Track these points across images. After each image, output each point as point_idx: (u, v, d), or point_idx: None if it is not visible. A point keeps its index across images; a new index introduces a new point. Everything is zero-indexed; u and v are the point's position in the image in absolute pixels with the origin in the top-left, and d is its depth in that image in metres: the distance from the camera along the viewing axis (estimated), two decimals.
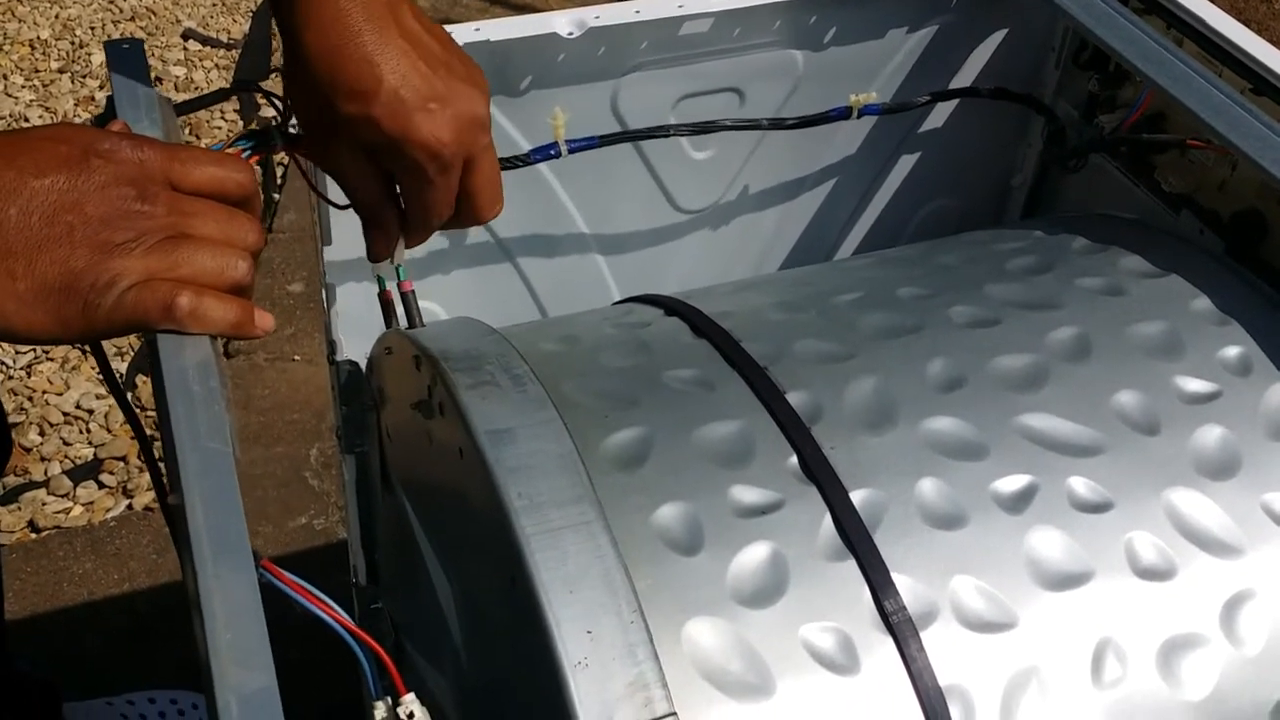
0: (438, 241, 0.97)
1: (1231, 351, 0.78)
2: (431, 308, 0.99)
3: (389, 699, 0.65)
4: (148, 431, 1.64)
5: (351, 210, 0.90)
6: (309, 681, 0.96)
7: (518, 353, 0.75)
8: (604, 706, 0.59)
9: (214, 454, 0.61)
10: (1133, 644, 0.66)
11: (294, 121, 0.77)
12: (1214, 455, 0.73)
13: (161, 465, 0.78)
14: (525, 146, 0.95)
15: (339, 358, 0.95)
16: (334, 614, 0.62)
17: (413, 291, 0.83)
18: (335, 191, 0.80)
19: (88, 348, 1.95)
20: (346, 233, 0.92)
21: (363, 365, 0.91)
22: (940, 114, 1.08)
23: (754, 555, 0.65)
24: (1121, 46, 0.91)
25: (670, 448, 0.70)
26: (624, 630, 0.61)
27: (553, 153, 0.90)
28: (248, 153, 0.81)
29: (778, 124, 0.98)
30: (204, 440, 0.61)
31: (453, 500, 0.75)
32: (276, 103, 0.77)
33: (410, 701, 0.64)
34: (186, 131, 2.38)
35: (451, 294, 1.01)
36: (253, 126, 0.82)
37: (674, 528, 0.66)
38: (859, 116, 0.98)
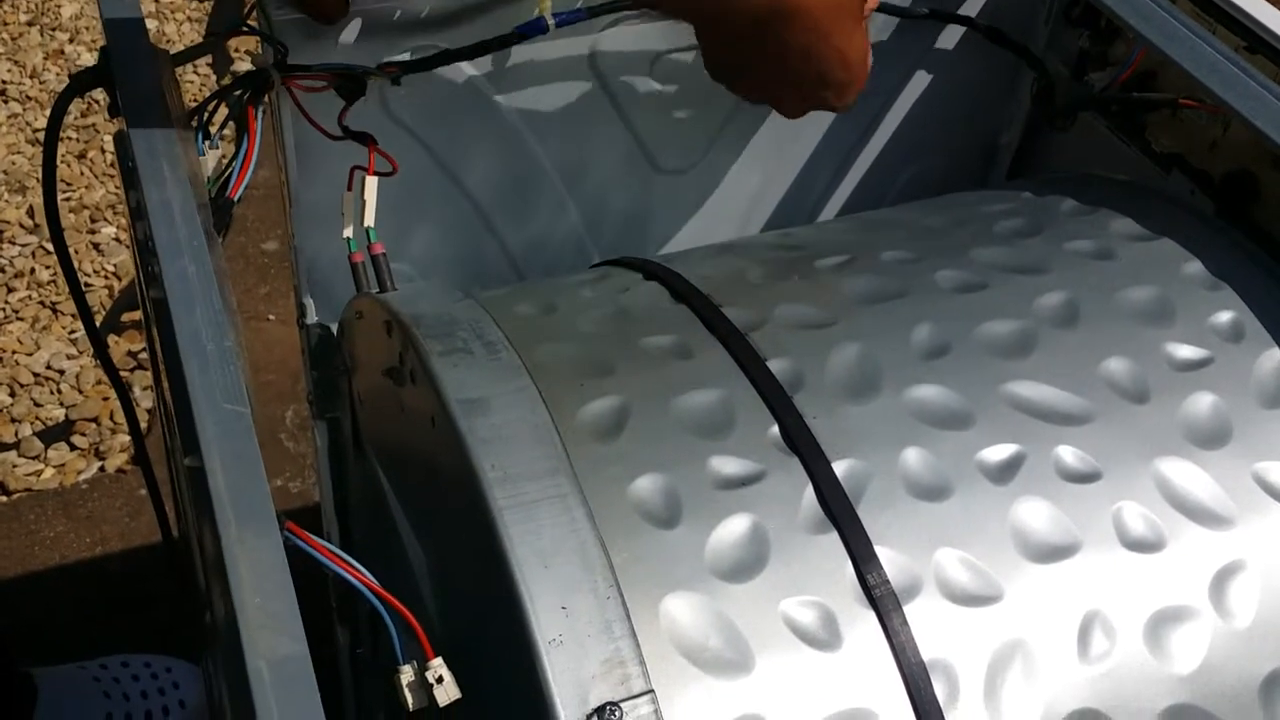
0: (411, 202, 0.94)
1: (1223, 317, 0.76)
2: (405, 270, 0.97)
3: (415, 663, 0.63)
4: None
5: (319, 171, 0.88)
6: None
7: (491, 318, 0.73)
8: (579, 684, 0.57)
9: (233, 416, 0.60)
10: (1121, 617, 0.65)
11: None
12: (1205, 423, 0.71)
13: (143, 427, 0.76)
14: (507, 106, 0.93)
15: (309, 321, 0.93)
16: (361, 577, 0.62)
17: (384, 254, 0.81)
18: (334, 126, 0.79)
19: (59, 306, 1.92)
20: (316, 191, 0.89)
21: (334, 329, 0.89)
22: (926, 73, 1.05)
23: (734, 528, 0.64)
24: (1113, 2, 0.88)
25: (648, 417, 0.68)
26: (600, 606, 0.59)
27: (540, 27, 0.86)
28: (247, 97, 0.79)
29: None
30: (221, 402, 0.60)
31: (425, 469, 0.73)
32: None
33: (438, 665, 0.62)
34: None
35: (425, 256, 0.98)
36: (246, 69, 0.81)
37: (652, 500, 0.64)
38: None
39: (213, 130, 0.81)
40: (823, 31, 0.78)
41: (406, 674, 0.64)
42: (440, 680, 0.63)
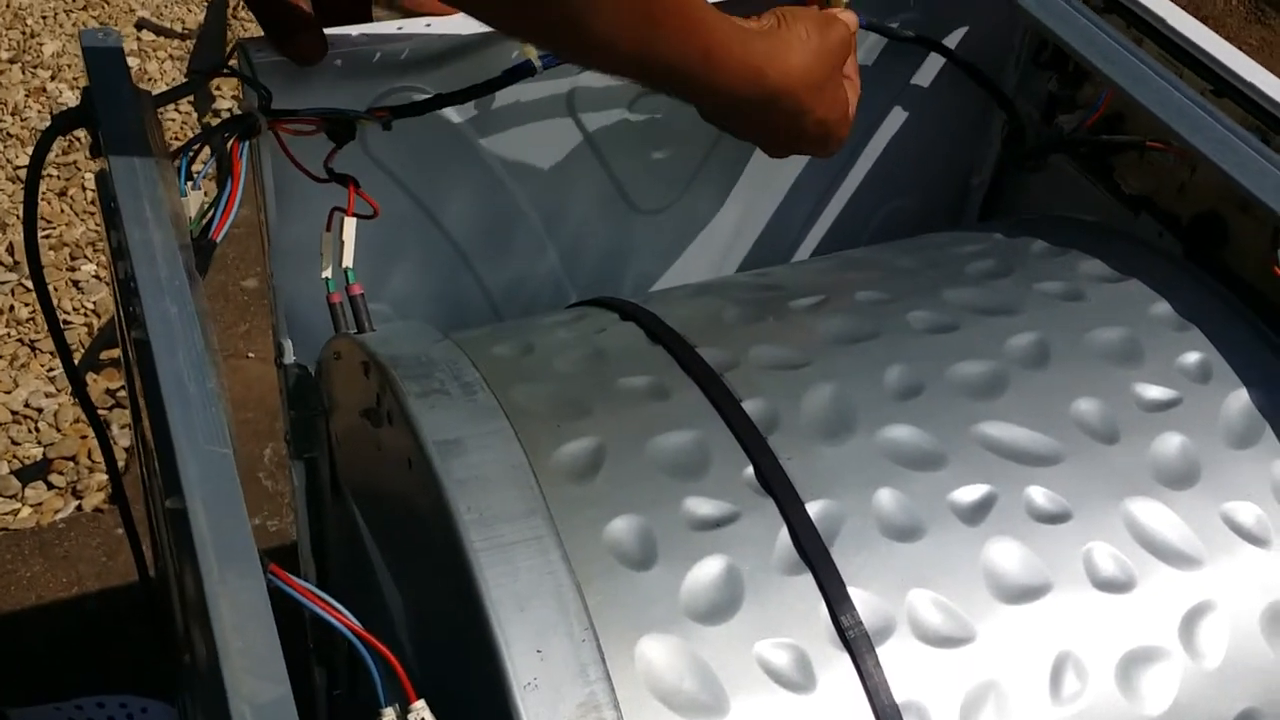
0: (390, 241, 0.95)
1: (1191, 358, 0.77)
2: (383, 310, 0.97)
3: (398, 706, 0.63)
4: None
5: (298, 211, 0.89)
6: None
7: (469, 359, 0.74)
8: None
9: (215, 457, 0.60)
10: (1092, 657, 0.66)
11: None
12: (1174, 464, 0.72)
13: (121, 465, 0.76)
14: (485, 147, 0.93)
15: (287, 361, 0.93)
16: (343, 619, 0.61)
17: (362, 295, 0.81)
18: (314, 165, 0.79)
19: (38, 344, 1.92)
20: (294, 232, 0.90)
21: (311, 369, 0.89)
22: (900, 113, 1.06)
23: (708, 569, 0.64)
24: (1080, 46, 0.90)
25: (624, 458, 0.69)
26: (575, 649, 0.59)
27: (527, 70, 0.87)
28: (233, 139, 0.80)
29: None
30: (204, 443, 0.60)
31: (402, 510, 0.73)
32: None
33: (421, 708, 0.62)
34: None
35: (404, 296, 0.99)
36: (232, 113, 0.81)
37: (627, 541, 0.65)
38: None
39: (195, 172, 0.82)
40: (806, 108, 0.83)
41: (389, 716, 0.63)
42: None
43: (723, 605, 0.63)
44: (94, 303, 2.01)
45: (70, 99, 2.40)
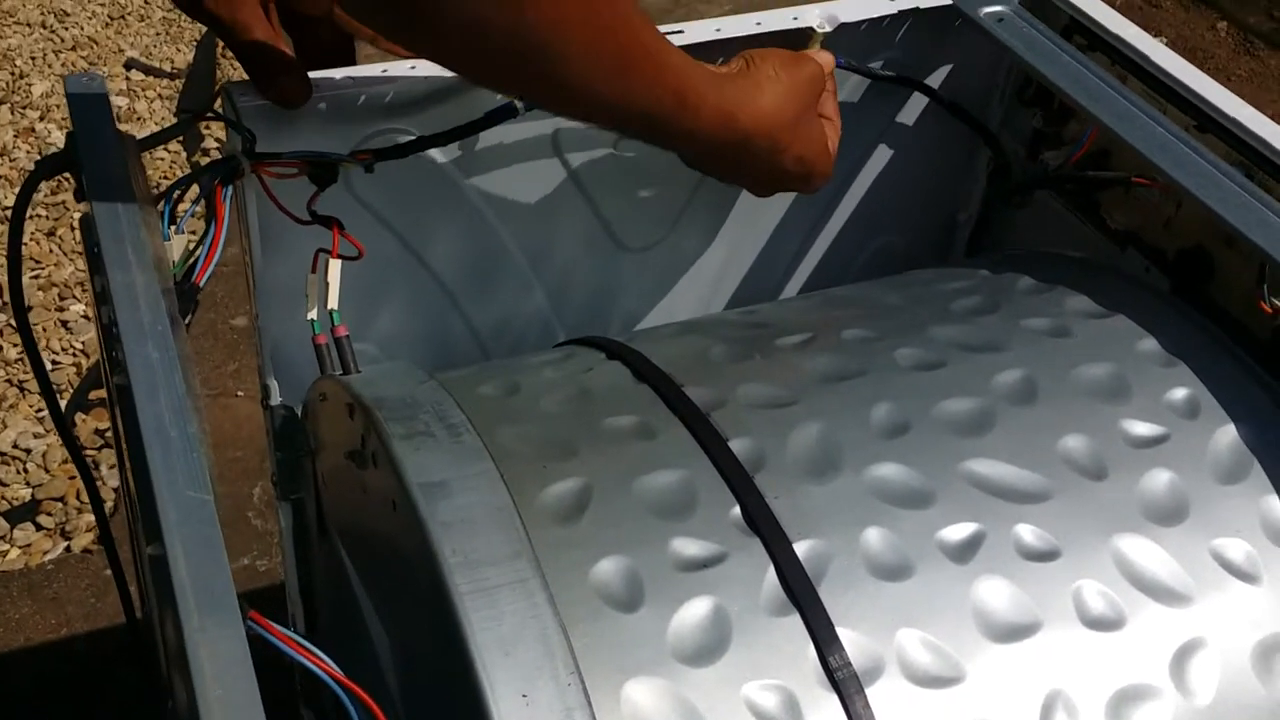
0: (376, 281, 0.95)
1: (1179, 394, 0.77)
2: (369, 350, 0.97)
3: None
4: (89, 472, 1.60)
5: (283, 253, 0.88)
6: None
7: (454, 400, 0.73)
8: None
9: (196, 503, 0.60)
10: (1082, 696, 0.65)
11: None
12: (1162, 500, 0.72)
13: (109, 506, 0.76)
14: (470, 187, 0.93)
15: (273, 402, 0.93)
16: (325, 666, 0.61)
17: (347, 336, 0.81)
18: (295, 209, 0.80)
19: (26, 385, 1.91)
20: (280, 273, 0.90)
21: (298, 410, 0.89)
22: (885, 151, 1.07)
23: (695, 611, 0.64)
24: (1064, 83, 0.90)
25: (610, 499, 0.68)
26: (561, 693, 0.59)
27: (510, 111, 0.87)
28: (216, 181, 0.80)
29: None
30: (184, 489, 0.60)
31: (388, 552, 0.73)
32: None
33: None
34: None
35: (390, 336, 0.99)
36: (215, 158, 0.81)
37: (613, 583, 0.64)
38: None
39: (179, 215, 0.82)
40: (782, 146, 0.83)
41: None
42: None
43: (710, 647, 0.63)
44: (82, 343, 2.01)
45: (59, 139, 2.41)
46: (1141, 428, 0.75)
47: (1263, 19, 3.11)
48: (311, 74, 0.83)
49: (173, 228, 0.79)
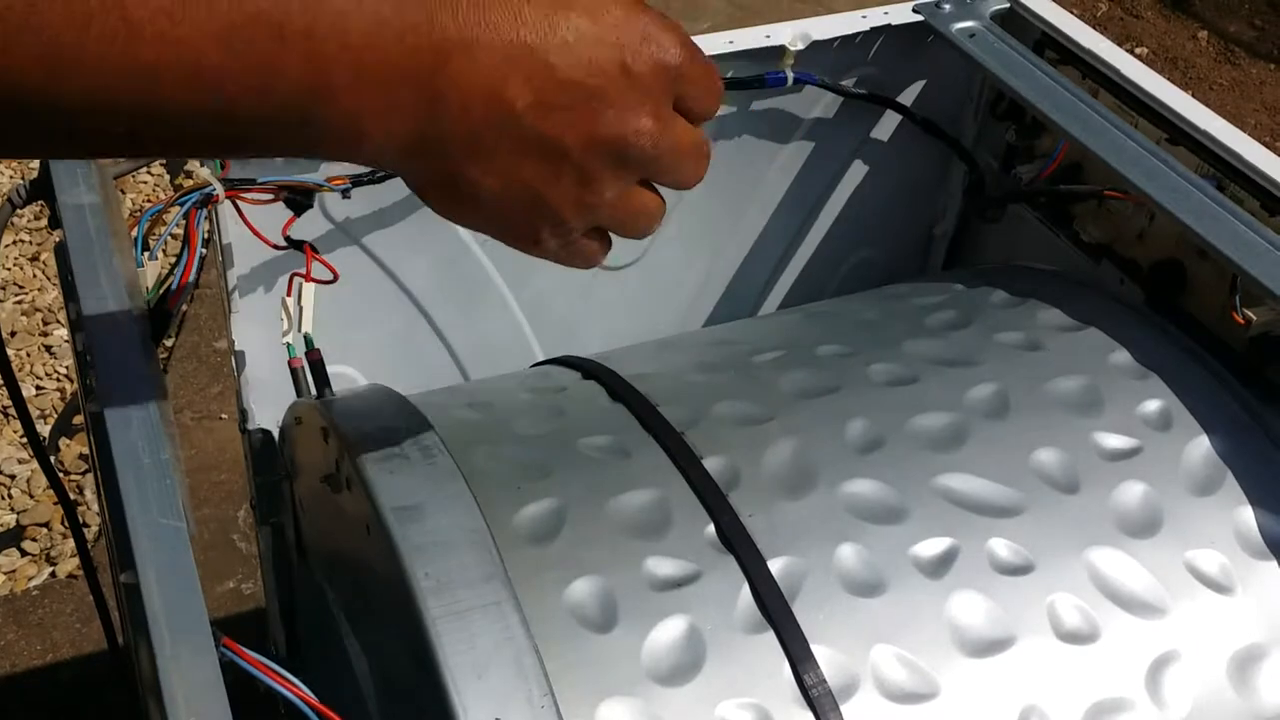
0: (353, 303, 0.95)
1: (1151, 406, 0.77)
2: (347, 372, 0.97)
3: None
4: (71, 496, 1.60)
5: (259, 277, 0.89)
6: None
7: (428, 422, 0.73)
8: None
9: (169, 531, 0.60)
10: (1057, 710, 0.65)
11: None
12: (1135, 513, 0.72)
13: (89, 532, 0.75)
14: None
15: (251, 426, 0.92)
16: (299, 692, 0.61)
17: (321, 359, 0.81)
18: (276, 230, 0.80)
19: (9, 411, 1.91)
20: (255, 296, 0.90)
21: (275, 433, 0.89)
22: (861, 167, 1.07)
23: (670, 630, 0.64)
24: (1035, 98, 0.90)
25: (584, 519, 0.68)
26: (535, 716, 0.59)
27: None
28: (189, 206, 0.80)
29: None
30: (156, 516, 0.60)
31: (363, 575, 0.73)
32: None
33: None
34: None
35: (368, 357, 0.99)
36: (189, 181, 0.81)
37: (587, 604, 0.64)
38: (793, 83, 0.96)
39: (153, 241, 0.82)
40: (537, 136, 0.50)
41: None
42: None
43: (685, 666, 0.63)
44: (66, 368, 2.01)
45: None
46: (1114, 440, 0.75)
47: (1244, 28, 3.12)
48: None
49: (146, 254, 0.79)
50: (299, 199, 0.83)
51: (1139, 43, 3.06)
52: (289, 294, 0.84)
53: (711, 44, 0.93)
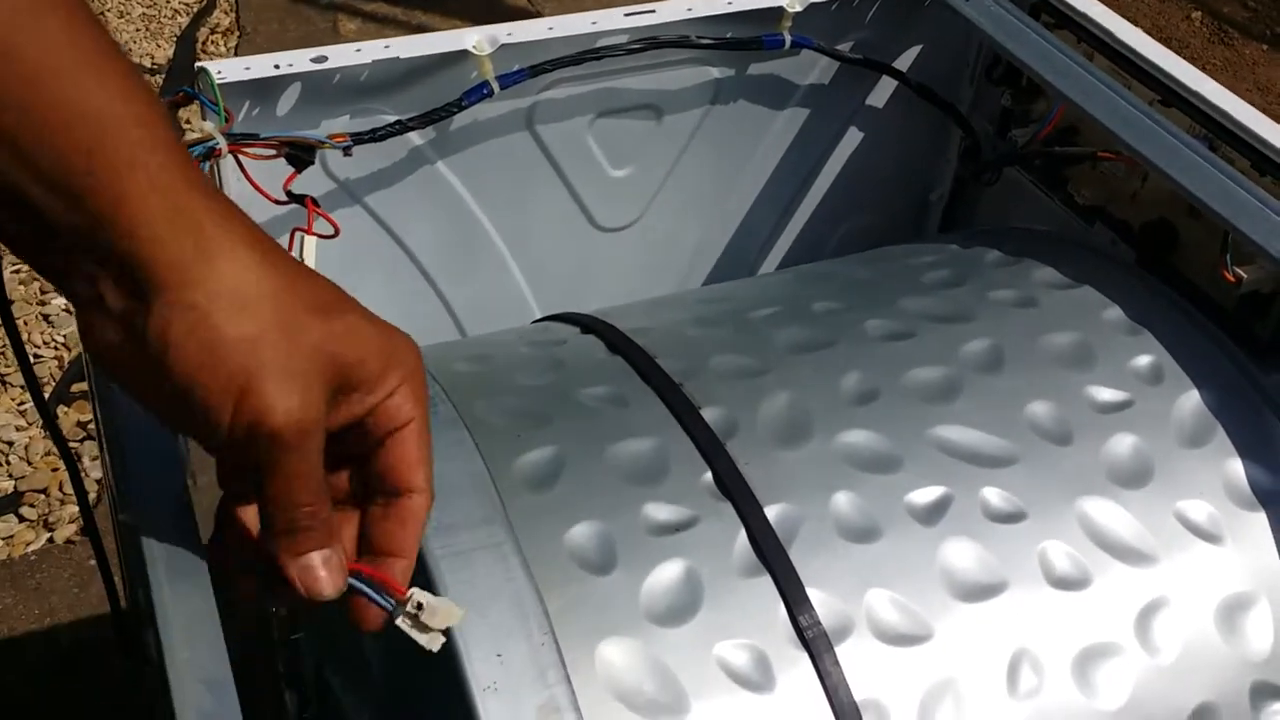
0: (354, 260, 0.95)
1: (1143, 360, 0.78)
2: None
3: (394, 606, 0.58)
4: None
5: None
6: None
7: (430, 373, 0.74)
8: None
9: (167, 475, 0.61)
10: (1048, 654, 0.66)
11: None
12: (1126, 463, 0.73)
13: (92, 497, 0.76)
14: (447, 167, 0.94)
15: None
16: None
17: None
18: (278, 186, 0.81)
19: (7, 378, 1.91)
20: None
21: None
22: (857, 133, 1.08)
23: (668, 573, 0.65)
24: (1032, 61, 0.91)
25: (583, 466, 0.69)
26: (534, 653, 0.60)
27: (485, 92, 0.88)
28: (194, 160, 0.80)
29: (684, 43, 0.92)
30: (157, 466, 0.61)
31: None
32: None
33: (415, 593, 0.55)
34: None
35: None
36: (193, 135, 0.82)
37: (586, 547, 0.65)
38: (790, 46, 0.97)
39: None
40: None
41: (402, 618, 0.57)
42: (421, 607, 0.55)
43: (682, 608, 0.64)
44: (64, 336, 2.01)
45: None
46: (1106, 393, 0.76)
47: (1236, 8, 3.13)
48: (284, 54, 0.84)
49: None
50: (301, 155, 0.84)
51: (1133, 23, 3.07)
52: (290, 249, 0.85)
53: (711, 4, 0.94)
